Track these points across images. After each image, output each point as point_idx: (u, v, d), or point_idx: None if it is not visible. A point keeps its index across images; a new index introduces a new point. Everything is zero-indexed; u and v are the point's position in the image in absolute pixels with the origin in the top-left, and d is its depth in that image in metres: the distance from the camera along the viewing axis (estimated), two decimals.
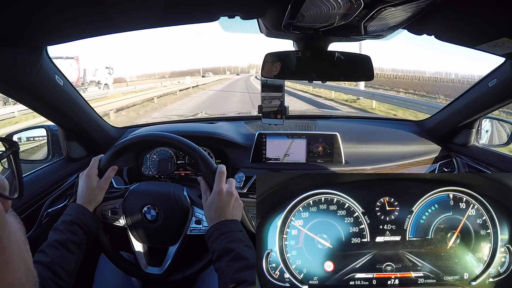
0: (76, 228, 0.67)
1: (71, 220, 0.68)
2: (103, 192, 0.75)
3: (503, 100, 0.94)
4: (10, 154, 0.33)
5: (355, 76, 0.82)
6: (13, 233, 0.29)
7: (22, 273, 0.29)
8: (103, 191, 0.75)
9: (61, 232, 0.65)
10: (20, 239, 0.31)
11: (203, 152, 0.76)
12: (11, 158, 0.34)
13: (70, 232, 0.66)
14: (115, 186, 1.10)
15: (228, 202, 0.67)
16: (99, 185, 0.74)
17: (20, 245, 0.30)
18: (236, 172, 1.16)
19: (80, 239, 0.67)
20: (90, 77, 19.00)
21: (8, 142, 0.34)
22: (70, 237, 0.65)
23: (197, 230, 0.78)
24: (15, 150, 0.34)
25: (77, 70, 16.89)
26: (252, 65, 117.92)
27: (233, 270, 0.55)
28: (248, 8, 0.61)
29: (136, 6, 0.55)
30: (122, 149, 0.79)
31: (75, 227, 0.67)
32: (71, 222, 0.67)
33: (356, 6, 0.51)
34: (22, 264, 0.29)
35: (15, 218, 0.31)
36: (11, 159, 0.33)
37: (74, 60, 16.91)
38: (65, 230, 0.66)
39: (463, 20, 0.62)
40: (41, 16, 0.52)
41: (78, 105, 0.95)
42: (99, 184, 0.74)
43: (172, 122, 1.58)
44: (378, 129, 1.38)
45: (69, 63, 16.31)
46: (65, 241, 0.64)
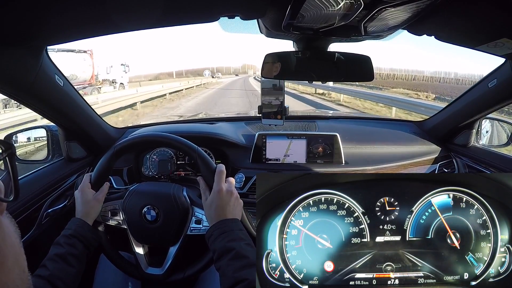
0: (75, 241, 0.69)
1: (70, 234, 0.69)
2: (100, 204, 0.77)
3: (503, 101, 0.95)
4: (6, 156, 0.33)
5: (355, 77, 0.82)
6: (8, 235, 0.29)
7: (17, 275, 0.29)
8: (100, 202, 0.77)
9: (61, 246, 0.67)
10: (15, 241, 0.31)
11: (202, 151, 0.76)
12: (7, 160, 0.33)
13: (69, 246, 0.67)
14: (115, 186, 1.10)
15: (228, 201, 0.67)
16: (96, 197, 0.76)
17: (15, 247, 0.30)
18: (236, 172, 1.16)
19: (80, 252, 0.68)
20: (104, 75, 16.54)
21: (4, 144, 0.33)
22: (69, 251, 0.66)
23: (197, 230, 0.78)
24: (11, 152, 0.34)
25: (91, 66, 14.55)
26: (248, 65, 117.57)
27: (234, 269, 0.55)
28: (248, 8, 0.61)
29: (136, 6, 0.55)
30: (121, 150, 0.79)
31: (74, 240, 0.69)
32: (70, 236, 0.69)
33: (356, 7, 0.52)
34: (17, 266, 0.29)
35: (10, 220, 0.31)
36: (7, 161, 0.33)
37: (87, 54, 14.58)
38: (64, 244, 0.67)
39: (463, 20, 0.62)
40: (41, 16, 0.52)
41: (78, 105, 0.95)
42: (95, 196, 0.76)
43: (172, 123, 1.58)
44: (378, 129, 1.38)
45: (82, 57, 14.10)
46: (65, 254, 0.65)
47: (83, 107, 0.98)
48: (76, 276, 0.66)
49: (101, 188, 0.78)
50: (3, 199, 0.31)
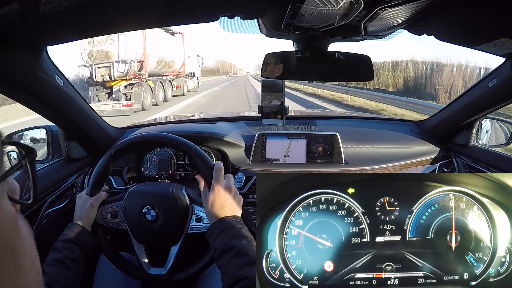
0: (72, 245, 0.70)
1: (67, 239, 0.70)
2: (94, 209, 0.79)
3: (503, 100, 0.94)
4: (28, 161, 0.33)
5: (355, 76, 0.82)
6: (24, 237, 0.29)
7: (33, 277, 0.29)
8: (95, 208, 0.79)
9: (59, 251, 0.68)
10: (31, 243, 0.30)
11: (199, 149, 0.76)
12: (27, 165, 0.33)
13: (67, 250, 0.68)
14: (115, 186, 1.10)
15: (228, 198, 0.68)
16: (91, 203, 0.78)
17: (31, 249, 0.30)
18: (236, 172, 1.16)
19: (77, 256, 0.69)
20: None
21: (26, 149, 0.33)
22: (67, 255, 0.68)
23: (197, 228, 0.78)
24: (32, 156, 0.33)
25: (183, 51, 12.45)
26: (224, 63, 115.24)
27: (235, 267, 0.55)
28: (248, 8, 0.61)
29: (136, 6, 0.55)
30: (120, 151, 0.79)
31: (71, 244, 0.70)
32: (67, 240, 0.70)
33: (356, 7, 0.52)
34: (33, 268, 0.29)
35: (23, 221, 0.31)
36: (27, 166, 0.33)
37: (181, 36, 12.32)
38: (62, 248, 0.68)
39: (463, 20, 0.62)
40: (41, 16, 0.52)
41: (78, 105, 0.95)
42: (91, 202, 0.78)
43: (172, 123, 1.58)
44: (378, 129, 1.38)
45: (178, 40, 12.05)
46: (63, 258, 0.66)
47: (83, 107, 0.98)
48: (75, 279, 0.67)
49: (97, 194, 0.80)
50: (19, 201, 0.31)
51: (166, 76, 11.60)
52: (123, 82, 9.14)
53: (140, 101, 8.99)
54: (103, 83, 9.22)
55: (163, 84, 10.85)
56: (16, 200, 0.30)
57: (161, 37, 10.54)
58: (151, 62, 9.79)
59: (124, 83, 9.14)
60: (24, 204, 0.32)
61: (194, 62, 14.68)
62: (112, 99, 9.17)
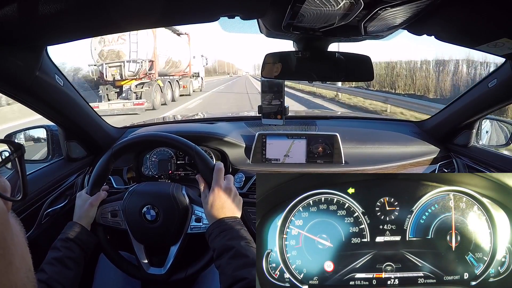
0: (72, 244, 0.70)
1: (66, 238, 0.70)
2: (94, 208, 0.79)
3: (503, 101, 0.95)
4: (16, 157, 0.34)
5: (355, 77, 0.82)
6: (15, 234, 0.29)
7: (24, 274, 0.29)
8: (94, 207, 0.79)
9: (58, 250, 0.68)
10: (22, 240, 0.31)
11: (200, 149, 0.76)
12: (16, 161, 0.34)
13: (66, 249, 0.68)
14: (114, 186, 1.10)
15: (227, 198, 0.67)
16: (91, 202, 0.78)
17: (22, 245, 0.30)
18: (236, 172, 1.16)
19: (77, 255, 0.69)
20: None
21: (14, 145, 0.34)
22: (66, 254, 0.67)
23: (197, 229, 0.78)
24: (20, 152, 0.34)
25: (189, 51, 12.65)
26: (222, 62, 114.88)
27: (233, 268, 0.55)
28: (248, 8, 0.61)
29: (136, 6, 0.55)
30: (120, 150, 0.79)
31: (70, 243, 0.70)
32: (66, 239, 0.70)
33: (356, 7, 0.52)
34: (24, 265, 0.30)
35: (15, 219, 0.32)
36: (16, 162, 0.34)
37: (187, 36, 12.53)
38: (61, 247, 0.68)
39: (463, 20, 0.62)
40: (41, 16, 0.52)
41: (78, 105, 0.95)
42: (90, 201, 0.78)
43: (172, 122, 1.58)
44: (378, 129, 1.38)
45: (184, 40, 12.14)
46: (62, 257, 0.66)
47: (83, 107, 0.98)
48: (75, 278, 0.67)
49: (97, 193, 0.80)
50: (11, 198, 0.32)
51: (173, 76, 11.70)
52: (133, 81, 9.24)
53: (151, 100, 9.05)
54: (113, 82, 9.33)
55: (171, 83, 10.95)
56: (6, 197, 0.31)
57: (169, 37, 10.64)
58: (160, 62, 9.89)
59: (135, 82, 9.23)
60: (14, 201, 0.32)
61: (199, 62, 14.77)
62: (122, 98, 9.27)
